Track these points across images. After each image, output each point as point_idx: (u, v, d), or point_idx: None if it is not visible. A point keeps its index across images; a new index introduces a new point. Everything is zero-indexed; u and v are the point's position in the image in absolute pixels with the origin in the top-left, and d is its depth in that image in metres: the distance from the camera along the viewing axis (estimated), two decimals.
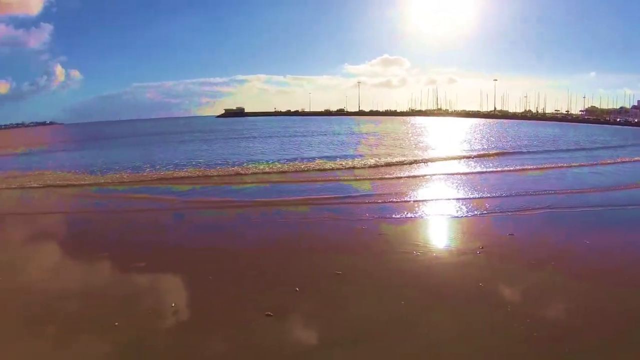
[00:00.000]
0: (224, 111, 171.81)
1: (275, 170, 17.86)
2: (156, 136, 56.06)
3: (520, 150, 26.01)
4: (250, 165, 19.34)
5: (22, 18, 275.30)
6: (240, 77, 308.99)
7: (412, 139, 37.74)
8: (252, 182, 15.29)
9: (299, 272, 6.55)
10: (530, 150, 26.03)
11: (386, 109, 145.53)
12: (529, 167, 17.79)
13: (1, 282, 6.61)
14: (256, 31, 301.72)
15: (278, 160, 21.33)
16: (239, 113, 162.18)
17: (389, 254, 7.19)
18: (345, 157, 22.39)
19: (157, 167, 20.86)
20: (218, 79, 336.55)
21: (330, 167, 17.96)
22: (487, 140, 34.58)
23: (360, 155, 23.27)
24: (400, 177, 15.46)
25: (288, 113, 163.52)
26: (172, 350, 4.57)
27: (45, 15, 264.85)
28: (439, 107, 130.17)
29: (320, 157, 22.57)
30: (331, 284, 6.07)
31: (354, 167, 17.98)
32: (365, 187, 13.94)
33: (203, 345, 4.63)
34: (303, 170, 17.45)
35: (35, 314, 5.50)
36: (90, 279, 6.75)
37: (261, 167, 19.01)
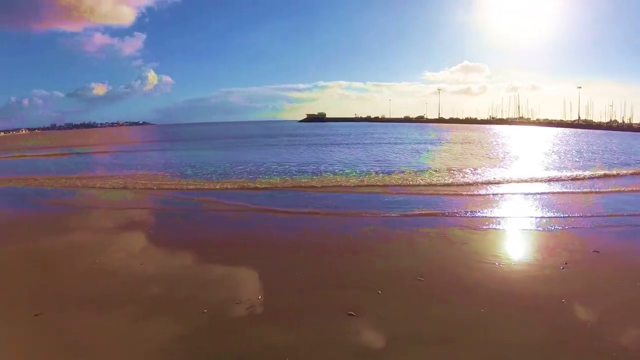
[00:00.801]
0: (306, 116, 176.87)
1: (362, 182, 17.49)
2: (246, 139, 59.09)
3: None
4: (337, 176, 19.36)
5: (116, 28, 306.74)
6: (321, 83, 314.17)
7: (498, 149, 35.73)
8: (340, 192, 15.49)
9: (382, 276, 6.78)
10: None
11: (466, 116, 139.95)
12: (621, 188, 16.32)
13: (97, 265, 7.72)
14: (337, 39, 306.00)
15: (368, 171, 21.26)
16: (321, 118, 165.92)
17: (471, 263, 7.32)
18: (431, 168, 21.74)
19: (249, 169, 22.37)
20: (301, 85, 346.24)
21: (417, 182, 17.55)
22: (580, 153, 31.48)
23: (447, 167, 22.29)
24: (488, 194, 14.91)
25: (368, 119, 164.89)
26: (256, 339, 4.93)
27: (138, 25, 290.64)
28: (521, 115, 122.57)
29: (407, 167, 22.48)
30: (413, 288, 6.26)
31: (440, 183, 17.35)
32: (451, 199, 13.89)
33: (286, 337, 4.96)
34: (392, 184, 17.05)
35: (122, 295, 6.31)
36: (181, 268, 7.52)
37: (350, 177, 19.03)
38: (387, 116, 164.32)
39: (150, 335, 5.16)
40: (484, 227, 9.94)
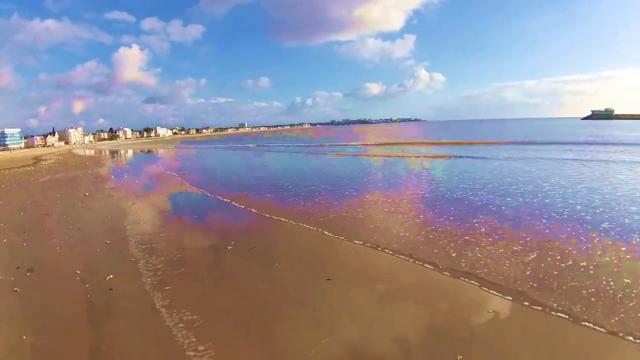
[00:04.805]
0: (590, 113, 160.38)
1: None
2: (529, 146, 44.43)
3: None
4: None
5: (387, 32, 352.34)
6: (607, 72, 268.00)
7: None
8: None
9: None
10: None
11: None
12: None
13: (397, 258, 9.46)
14: (625, 15, 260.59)
15: None
16: (608, 115, 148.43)
17: None
18: None
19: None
20: (582, 76, 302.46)
21: None
22: None
23: None
24: None
25: None
26: None
27: (408, 27, 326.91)
28: None
29: None
30: None
31: None
32: None
33: None
34: None
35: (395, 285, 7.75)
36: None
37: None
38: None
39: (395, 316, 6.61)
40: None
